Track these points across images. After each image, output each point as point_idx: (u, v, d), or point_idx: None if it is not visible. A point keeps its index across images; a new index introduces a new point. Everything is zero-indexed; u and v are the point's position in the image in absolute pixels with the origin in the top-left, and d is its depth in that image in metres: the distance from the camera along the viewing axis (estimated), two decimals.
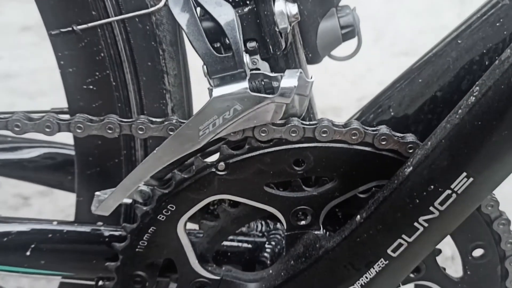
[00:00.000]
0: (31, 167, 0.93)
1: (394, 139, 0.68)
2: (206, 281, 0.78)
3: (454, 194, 0.64)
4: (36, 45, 3.25)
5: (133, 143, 0.81)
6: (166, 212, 0.73)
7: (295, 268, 0.75)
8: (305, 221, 0.74)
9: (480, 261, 0.78)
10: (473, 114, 0.61)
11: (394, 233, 0.68)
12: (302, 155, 0.69)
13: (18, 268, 0.79)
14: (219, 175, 0.70)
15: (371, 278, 0.72)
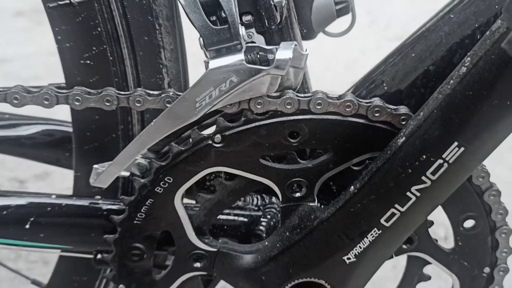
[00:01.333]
0: (28, 144, 0.93)
1: (387, 111, 0.70)
2: (203, 253, 0.79)
3: (446, 163, 0.66)
4: (30, 30, 3.24)
5: (130, 118, 0.82)
6: (164, 184, 0.74)
7: (290, 239, 0.76)
8: (300, 193, 0.75)
9: (471, 232, 0.79)
10: (464, 84, 0.62)
11: (387, 203, 0.70)
12: (297, 127, 0.71)
13: (18, 242, 0.80)
14: (216, 147, 0.72)
15: (365, 248, 0.73)
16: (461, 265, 0.82)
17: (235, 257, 0.79)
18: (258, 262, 0.78)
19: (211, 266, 0.80)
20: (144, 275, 0.81)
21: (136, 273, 0.81)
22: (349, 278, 0.77)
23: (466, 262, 0.82)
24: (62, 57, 0.78)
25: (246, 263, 0.79)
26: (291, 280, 0.78)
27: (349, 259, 0.75)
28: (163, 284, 0.82)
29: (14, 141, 0.93)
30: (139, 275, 0.81)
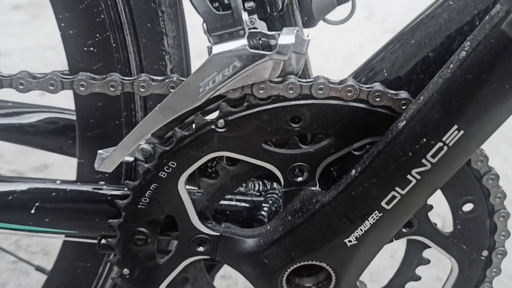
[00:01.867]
0: (31, 131, 0.94)
1: (388, 95, 0.71)
2: (206, 237, 0.80)
3: (446, 146, 0.67)
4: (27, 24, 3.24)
5: (133, 104, 0.83)
6: (167, 169, 0.75)
7: (292, 223, 0.77)
8: (302, 178, 0.76)
9: (470, 215, 0.81)
10: (464, 68, 0.63)
11: (387, 186, 0.71)
12: (299, 112, 0.72)
13: (23, 226, 0.81)
14: (219, 132, 0.73)
15: (365, 231, 0.75)
16: (459, 248, 0.83)
17: (237, 241, 0.81)
18: (261, 245, 0.80)
19: (214, 250, 0.81)
20: (148, 259, 0.82)
21: (140, 257, 0.82)
22: (350, 261, 0.79)
23: (465, 245, 0.83)
24: (65, 44, 0.79)
25: (249, 247, 0.80)
26: (293, 263, 0.79)
27: (350, 242, 0.76)
28: (166, 268, 0.83)
29: (17, 129, 0.94)
30: (143, 259, 0.82)
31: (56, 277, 1.00)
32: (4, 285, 1.77)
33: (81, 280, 0.98)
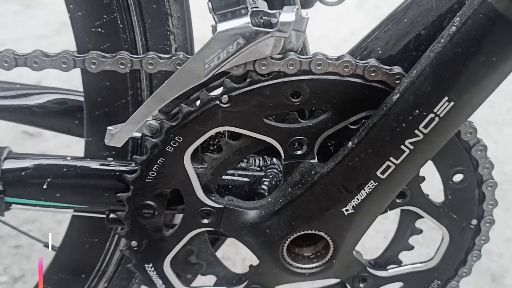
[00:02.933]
0: (40, 112, 0.97)
1: (383, 70, 0.75)
2: (210, 210, 0.84)
3: (437, 117, 0.71)
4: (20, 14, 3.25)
5: (139, 83, 0.86)
6: (174, 143, 0.79)
7: (292, 194, 0.82)
8: (301, 151, 0.80)
9: (460, 185, 0.85)
10: (454, 42, 0.68)
11: (382, 156, 0.75)
12: (298, 87, 0.76)
13: (35, 201, 0.85)
14: (223, 107, 0.76)
15: (362, 200, 0.79)
16: (450, 217, 0.88)
17: (240, 213, 0.85)
18: (262, 216, 0.84)
19: (218, 222, 0.85)
20: (155, 232, 0.86)
21: (148, 229, 0.86)
22: (347, 229, 0.83)
23: (455, 214, 0.88)
24: (74, 26, 0.82)
25: (251, 218, 0.84)
26: (293, 232, 0.84)
27: (348, 211, 0.80)
28: (172, 240, 0.87)
29: (25, 110, 0.97)
30: (150, 231, 0.86)
31: (64, 253, 1.03)
32: (7, 269, 1.80)
33: (89, 256, 1.02)
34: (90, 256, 1.02)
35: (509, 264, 1.84)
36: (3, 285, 1.74)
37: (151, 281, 0.91)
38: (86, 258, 1.02)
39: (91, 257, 1.02)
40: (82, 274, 1.03)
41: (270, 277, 0.90)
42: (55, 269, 1.04)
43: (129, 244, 0.87)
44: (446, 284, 0.95)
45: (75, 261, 1.03)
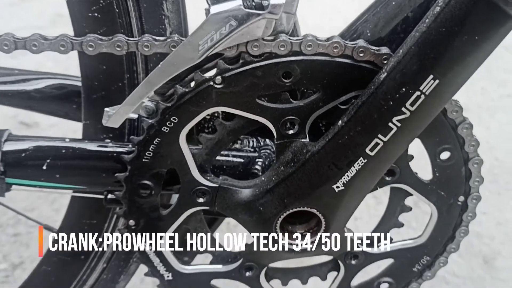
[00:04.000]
0: (38, 97, 0.99)
1: (371, 51, 0.78)
2: (205, 189, 0.87)
3: (423, 95, 0.74)
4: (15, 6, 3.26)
5: (136, 67, 0.89)
6: (169, 124, 0.81)
7: (284, 173, 0.84)
8: (293, 130, 0.83)
9: (447, 163, 0.88)
10: (438, 22, 0.70)
11: (371, 134, 0.78)
12: (289, 68, 0.78)
13: (35, 182, 0.87)
14: (217, 88, 0.79)
15: (352, 177, 0.82)
16: (438, 194, 0.91)
17: (234, 192, 0.87)
18: (256, 195, 0.86)
19: (213, 201, 0.88)
20: (152, 211, 0.89)
21: (145, 208, 0.88)
22: (338, 206, 0.86)
23: (443, 191, 0.91)
24: (71, 10, 0.85)
25: (245, 196, 0.87)
26: (286, 210, 0.86)
27: (338, 188, 0.83)
28: (169, 218, 0.90)
29: (24, 95, 0.99)
30: (147, 210, 0.88)
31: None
32: (6, 257, 1.83)
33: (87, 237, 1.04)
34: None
35: (501, 247, 1.88)
36: (3, 272, 1.76)
37: (149, 259, 0.94)
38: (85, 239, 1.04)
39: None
40: (81, 256, 1.06)
41: (264, 254, 0.93)
42: (54, 251, 1.06)
43: (127, 223, 0.90)
44: (435, 259, 0.99)
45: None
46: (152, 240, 0.92)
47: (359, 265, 0.98)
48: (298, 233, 0.92)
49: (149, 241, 0.92)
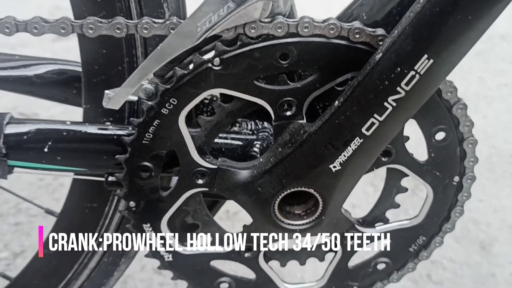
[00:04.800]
0: (38, 82, 1.01)
1: (366, 32, 0.79)
2: (204, 170, 0.88)
3: (418, 75, 0.76)
4: None
5: (135, 51, 0.90)
6: (169, 106, 0.82)
7: (282, 153, 0.86)
8: (291, 112, 0.84)
9: (442, 143, 0.89)
10: (432, 2, 0.71)
11: (367, 113, 0.79)
12: (287, 49, 0.79)
13: (37, 165, 0.89)
14: (215, 70, 0.80)
15: (348, 156, 0.83)
16: (434, 175, 0.92)
17: (233, 173, 0.89)
18: (254, 176, 0.88)
19: (212, 182, 0.89)
20: (152, 192, 0.90)
21: (145, 190, 0.90)
22: (335, 186, 0.87)
23: (438, 172, 0.92)
24: None
25: (244, 177, 0.88)
26: (284, 190, 0.88)
27: (335, 168, 0.84)
28: (169, 200, 0.91)
29: (24, 80, 1.00)
30: (147, 192, 0.90)
31: (65, 218, 1.07)
32: (7, 246, 1.84)
33: (88, 220, 1.06)
34: (90, 220, 1.06)
35: (498, 233, 1.90)
36: (4, 261, 1.78)
37: None
38: (86, 223, 1.06)
39: (91, 221, 1.06)
40: None
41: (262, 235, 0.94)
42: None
43: (128, 204, 0.91)
44: (431, 240, 1.00)
45: (75, 226, 1.07)
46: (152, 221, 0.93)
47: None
48: (296, 214, 0.94)
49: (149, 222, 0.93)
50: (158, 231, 0.94)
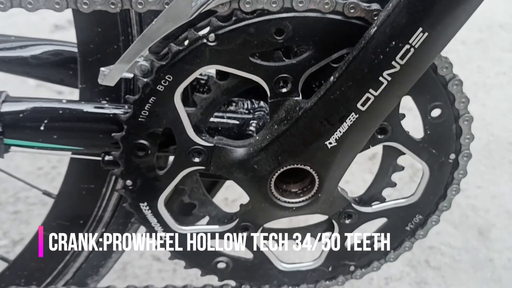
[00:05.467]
0: (34, 63, 1.00)
1: (361, 7, 0.79)
2: (201, 148, 0.88)
3: (412, 48, 0.75)
4: None
5: (130, 29, 0.90)
6: (164, 82, 0.82)
7: (278, 130, 0.86)
8: (286, 89, 0.84)
9: (438, 120, 0.89)
10: None
11: (362, 88, 0.79)
12: (282, 24, 0.79)
13: (33, 143, 0.89)
14: (210, 46, 0.80)
15: (344, 132, 0.83)
16: (430, 152, 0.92)
17: (229, 151, 0.89)
18: (251, 153, 0.88)
19: (209, 160, 0.89)
20: (148, 171, 0.90)
21: (142, 168, 0.90)
22: (331, 163, 0.87)
23: (434, 149, 0.92)
24: None
25: (240, 155, 0.89)
26: (280, 167, 0.88)
27: (331, 144, 0.85)
28: (166, 178, 0.91)
29: (20, 61, 1.00)
30: (144, 170, 0.90)
31: (62, 200, 1.07)
32: (6, 234, 1.85)
33: (86, 201, 1.06)
34: (87, 202, 1.06)
35: (496, 219, 1.90)
36: (3, 248, 1.78)
37: (146, 219, 0.96)
38: (84, 204, 1.06)
39: (89, 203, 1.06)
40: (80, 220, 1.08)
41: (259, 213, 0.95)
42: (54, 216, 1.08)
43: (124, 183, 0.91)
44: (427, 218, 1.00)
45: (73, 207, 1.07)
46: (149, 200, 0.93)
47: (353, 224, 1.00)
48: (293, 192, 0.94)
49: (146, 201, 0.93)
50: (155, 210, 0.94)
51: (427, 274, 1.69)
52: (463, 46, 2.85)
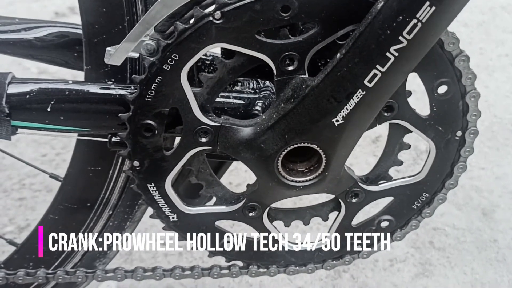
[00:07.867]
0: (39, 45, 1.00)
1: None
2: (207, 128, 0.88)
3: (420, 23, 0.75)
4: None
5: (135, 9, 0.90)
6: (171, 61, 0.82)
7: (285, 109, 0.85)
8: (293, 66, 0.84)
9: (444, 97, 0.89)
10: None
11: (369, 64, 0.79)
12: (288, 1, 0.79)
13: (40, 125, 0.89)
14: (216, 23, 0.80)
15: (351, 110, 0.83)
16: (436, 130, 0.92)
17: (236, 130, 0.89)
18: (257, 132, 0.88)
19: (215, 140, 0.89)
20: (155, 151, 0.90)
21: (149, 149, 0.90)
22: (338, 141, 0.87)
23: (441, 127, 0.92)
24: None
25: (247, 134, 0.88)
26: (287, 146, 0.88)
27: (338, 121, 0.84)
28: (173, 159, 0.91)
29: (25, 43, 0.99)
30: (151, 151, 0.90)
31: (69, 182, 1.07)
32: (12, 220, 1.86)
33: (93, 184, 1.06)
34: (94, 184, 1.06)
35: (499, 200, 1.90)
36: (10, 234, 1.79)
37: (154, 200, 0.96)
38: (91, 187, 1.07)
39: (96, 185, 1.06)
40: (87, 203, 1.08)
41: (266, 192, 0.95)
42: (61, 199, 1.09)
43: (132, 164, 0.91)
44: (434, 196, 1.00)
45: (80, 190, 1.07)
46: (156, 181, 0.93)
47: (359, 203, 1.00)
48: (300, 171, 0.94)
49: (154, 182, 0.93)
50: (162, 191, 0.94)
51: (431, 255, 1.70)
52: (465, 28, 2.84)
